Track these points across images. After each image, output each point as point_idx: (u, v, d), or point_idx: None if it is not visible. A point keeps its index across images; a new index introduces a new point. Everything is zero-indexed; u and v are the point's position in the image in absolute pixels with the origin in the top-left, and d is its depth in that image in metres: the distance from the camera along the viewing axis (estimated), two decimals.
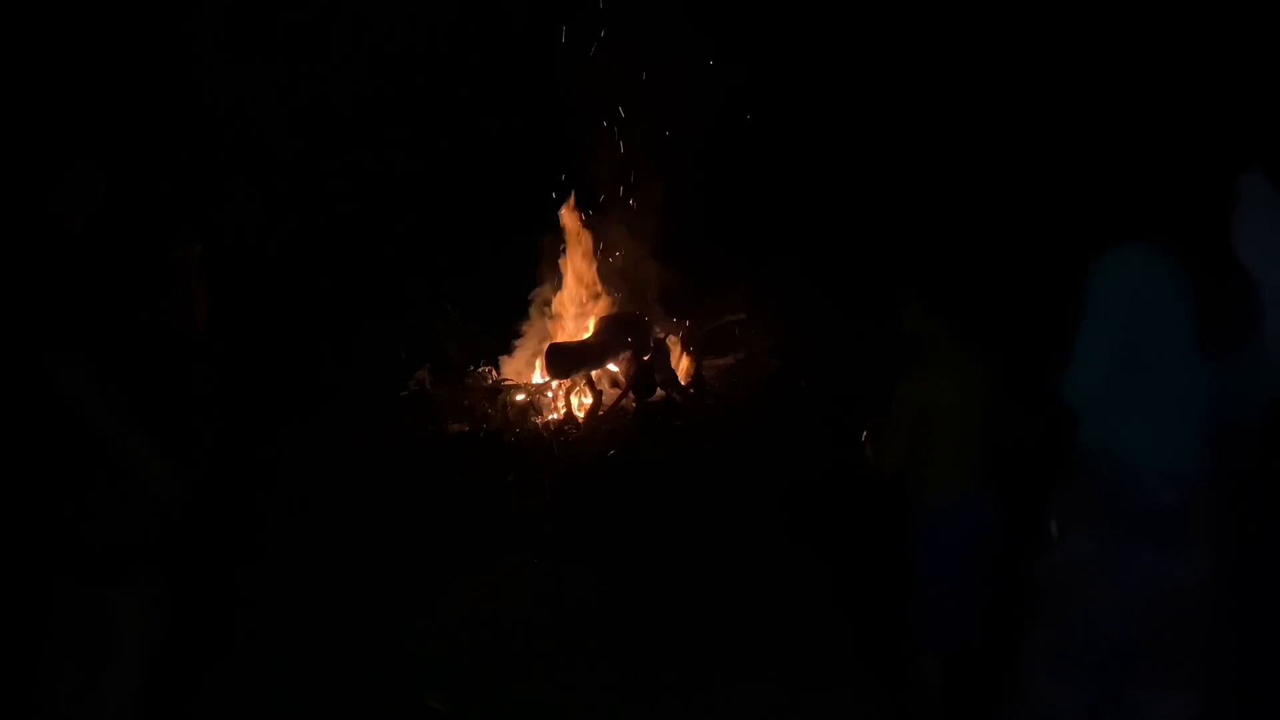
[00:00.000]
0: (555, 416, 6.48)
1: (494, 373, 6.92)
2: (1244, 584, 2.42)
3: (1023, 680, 2.47)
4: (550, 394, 6.68)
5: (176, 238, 3.30)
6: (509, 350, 7.09)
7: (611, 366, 6.82)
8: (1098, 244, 2.34)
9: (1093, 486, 2.36)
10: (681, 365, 6.90)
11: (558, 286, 7.24)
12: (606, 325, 6.86)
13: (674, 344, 6.98)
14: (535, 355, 6.91)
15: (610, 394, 6.63)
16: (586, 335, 6.92)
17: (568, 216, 7.22)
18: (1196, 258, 2.27)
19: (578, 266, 7.23)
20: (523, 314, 7.21)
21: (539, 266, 7.26)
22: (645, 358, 6.68)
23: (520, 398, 6.61)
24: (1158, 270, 2.28)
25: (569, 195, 7.26)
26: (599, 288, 7.20)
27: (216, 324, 3.42)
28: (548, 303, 7.22)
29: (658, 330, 6.92)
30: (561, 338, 6.98)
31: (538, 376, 6.82)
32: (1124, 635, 2.33)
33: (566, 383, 6.66)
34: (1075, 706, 2.41)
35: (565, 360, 6.58)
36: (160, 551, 2.91)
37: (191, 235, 3.36)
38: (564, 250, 7.25)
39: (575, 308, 7.18)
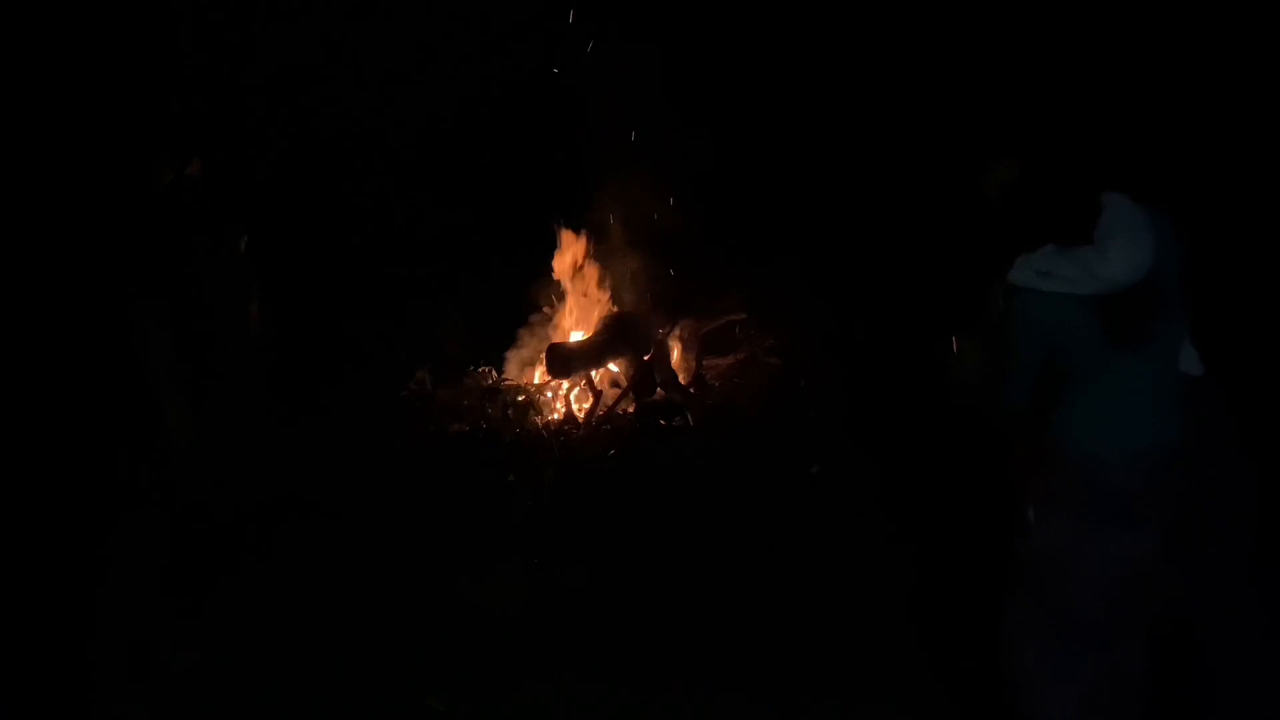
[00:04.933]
0: (555, 416, 6.48)
1: (494, 373, 6.92)
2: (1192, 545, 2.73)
3: (1013, 656, 2.68)
4: (550, 394, 6.68)
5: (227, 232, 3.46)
6: (509, 350, 7.09)
7: (611, 366, 6.82)
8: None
9: (1066, 475, 2.61)
10: (681, 365, 6.90)
11: (559, 287, 7.24)
12: (606, 325, 6.86)
13: (674, 344, 6.98)
14: (536, 355, 6.91)
15: (610, 394, 6.63)
16: (587, 335, 6.93)
17: (569, 217, 7.22)
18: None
19: (579, 267, 7.22)
20: (523, 314, 7.21)
21: (540, 267, 7.26)
22: (645, 358, 6.68)
23: (520, 398, 6.61)
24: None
25: (570, 196, 7.25)
26: (600, 288, 7.20)
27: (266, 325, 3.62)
28: (549, 303, 7.22)
29: (658, 330, 6.92)
30: (561, 338, 6.98)
31: (538, 376, 6.82)
32: (1100, 607, 2.58)
33: (566, 383, 6.66)
34: (1062, 675, 2.61)
35: (565, 360, 6.58)
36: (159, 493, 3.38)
37: (237, 232, 3.48)
38: (565, 251, 7.25)
39: (576, 308, 7.18)
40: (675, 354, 6.95)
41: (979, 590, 3.22)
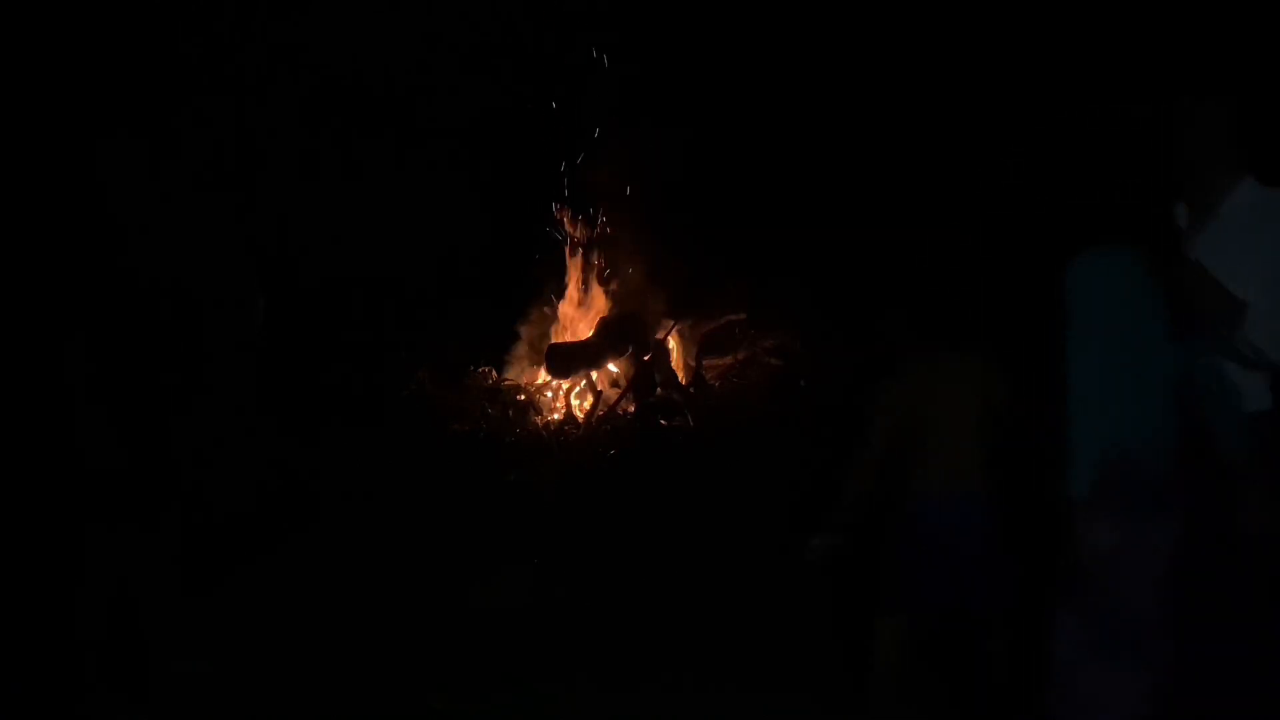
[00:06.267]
0: (555, 416, 6.49)
1: (494, 373, 6.94)
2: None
3: (1070, 672, 2.55)
4: (550, 394, 6.69)
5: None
6: (510, 351, 7.10)
7: (611, 366, 6.83)
8: (1065, 250, 2.53)
9: (1107, 476, 2.49)
10: (681, 365, 6.91)
11: (559, 288, 7.26)
12: (606, 326, 6.87)
13: (674, 344, 6.99)
14: (536, 356, 6.93)
15: (610, 394, 6.64)
16: (587, 335, 6.94)
17: (569, 219, 7.25)
18: (1155, 252, 2.51)
19: (579, 268, 7.24)
20: (524, 315, 7.22)
21: (541, 268, 7.27)
22: (645, 358, 6.69)
23: (520, 398, 6.62)
24: (1132, 269, 2.48)
25: (571, 197, 7.28)
26: (600, 289, 7.21)
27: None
28: (549, 304, 7.23)
29: (657, 330, 6.93)
30: (561, 338, 7.00)
31: (538, 376, 6.84)
32: (1148, 604, 2.50)
33: (566, 383, 6.67)
34: (1115, 681, 2.52)
35: (565, 360, 6.59)
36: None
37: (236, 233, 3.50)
38: (566, 252, 7.27)
39: (576, 308, 7.19)
40: (675, 354, 6.96)
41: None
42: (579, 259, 7.25)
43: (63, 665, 3.40)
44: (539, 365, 6.79)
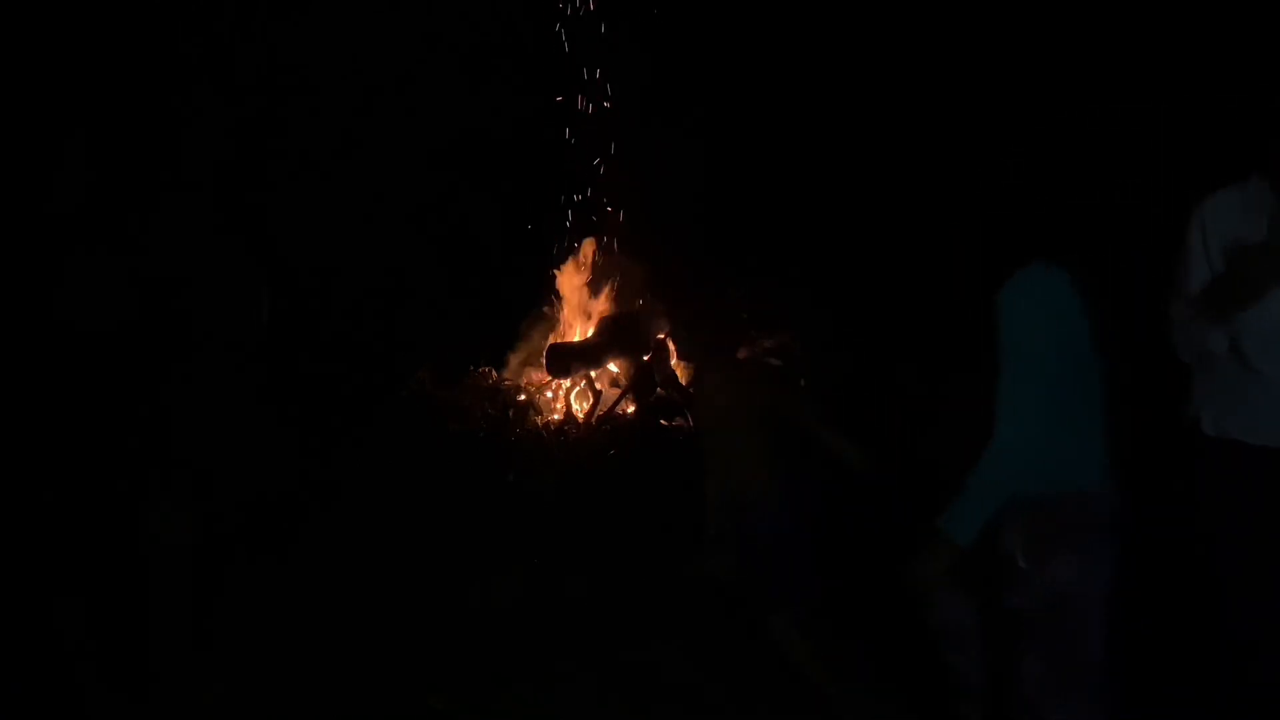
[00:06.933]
0: (555, 416, 6.50)
1: (494, 373, 6.94)
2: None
3: (1034, 710, 2.44)
4: (550, 394, 6.69)
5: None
6: (510, 350, 7.11)
7: (611, 366, 6.83)
8: (995, 275, 2.36)
9: (1054, 513, 2.36)
10: (681, 365, 6.91)
11: (559, 288, 7.26)
12: (606, 325, 6.87)
13: (674, 344, 6.99)
14: (536, 355, 6.93)
15: (610, 394, 6.64)
16: (587, 335, 6.94)
17: (571, 219, 7.26)
18: (1084, 271, 2.35)
19: (580, 267, 7.25)
20: (524, 314, 7.23)
21: (541, 267, 7.27)
22: (645, 358, 6.69)
23: (520, 398, 6.62)
24: (1066, 289, 2.33)
25: (572, 197, 7.29)
26: (600, 289, 7.21)
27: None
28: (549, 304, 7.24)
29: (657, 330, 6.93)
30: (562, 338, 7.00)
31: (538, 377, 6.84)
32: (1103, 642, 2.39)
33: (566, 383, 6.67)
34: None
35: (565, 360, 6.59)
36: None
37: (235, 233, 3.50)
38: (567, 251, 7.28)
39: (576, 308, 7.19)
40: (675, 354, 6.96)
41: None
42: (580, 258, 7.25)
43: (61, 665, 3.40)
44: (539, 365, 6.79)
